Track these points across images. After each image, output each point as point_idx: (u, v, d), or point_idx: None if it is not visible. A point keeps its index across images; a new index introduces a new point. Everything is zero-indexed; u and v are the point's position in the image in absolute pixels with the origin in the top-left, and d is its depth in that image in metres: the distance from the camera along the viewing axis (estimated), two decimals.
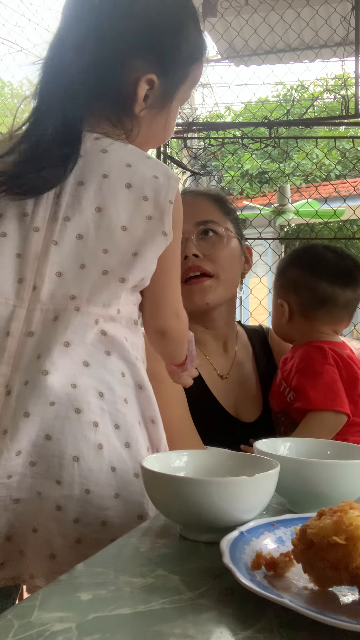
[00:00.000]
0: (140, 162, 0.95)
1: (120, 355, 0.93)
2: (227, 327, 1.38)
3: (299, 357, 1.31)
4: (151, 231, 0.93)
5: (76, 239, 0.90)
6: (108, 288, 0.91)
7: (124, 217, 0.92)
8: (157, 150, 3.40)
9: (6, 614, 0.50)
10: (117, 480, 0.88)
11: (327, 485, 0.76)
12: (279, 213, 5.47)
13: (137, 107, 0.99)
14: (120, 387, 0.92)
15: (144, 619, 0.50)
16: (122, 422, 0.91)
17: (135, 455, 0.91)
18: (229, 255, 1.33)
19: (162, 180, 0.95)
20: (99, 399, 0.88)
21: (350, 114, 3.29)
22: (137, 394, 0.95)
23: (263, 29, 4.18)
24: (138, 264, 0.93)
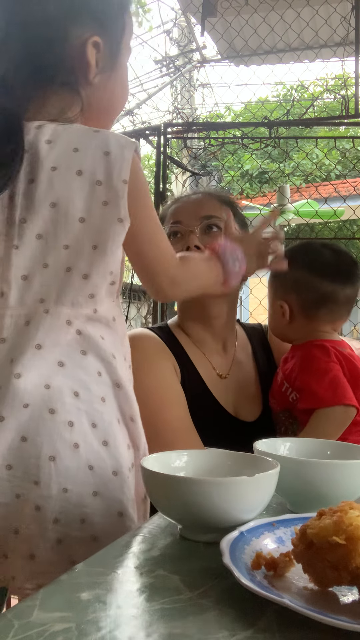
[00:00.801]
0: (87, 141, 0.92)
1: (96, 354, 0.92)
2: (227, 327, 1.38)
3: (302, 357, 1.31)
4: (108, 219, 0.91)
5: (36, 239, 0.89)
6: (73, 286, 0.90)
7: (80, 207, 0.90)
8: (157, 150, 3.40)
9: (6, 614, 0.50)
10: (95, 479, 0.88)
11: (327, 485, 0.76)
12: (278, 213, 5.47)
13: (91, 74, 0.96)
14: (96, 386, 0.91)
15: (144, 619, 0.50)
16: (99, 420, 0.90)
17: (114, 453, 0.91)
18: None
19: (115, 154, 0.92)
20: (75, 399, 0.88)
21: (350, 114, 3.29)
22: (115, 392, 0.94)
23: (263, 29, 4.18)
24: (99, 257, 0.91)
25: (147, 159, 8.83)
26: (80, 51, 0.95)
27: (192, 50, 6.91)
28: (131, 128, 5.15)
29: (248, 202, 6.14)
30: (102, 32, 0.96)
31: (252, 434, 1.27)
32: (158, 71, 7.08)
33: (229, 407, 1.32)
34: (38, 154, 0.89)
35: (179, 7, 5.74)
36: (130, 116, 5.71)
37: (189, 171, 4.15)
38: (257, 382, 1.41)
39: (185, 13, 5.43)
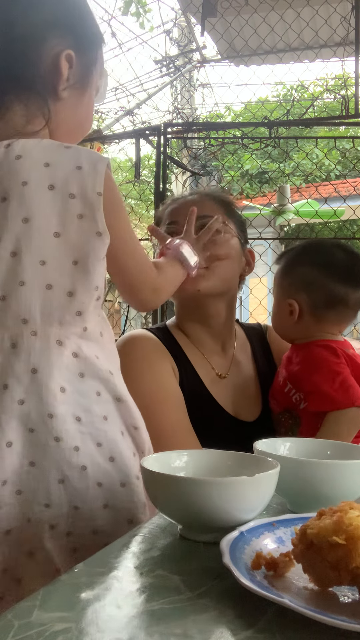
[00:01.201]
0: (58, 156, 0.91)
1: (94, 375, 0.92)
2: (226, 327, 1.38)
3: (309, 358, 1.30)
4: (85, 233, 0.90)
5: (10, 257, 0.87)
6: (58, 304, 0.89)
7: (55, 222, 0.88)
8: (157, 150, 3.40)
9: (6, 614, 0.50)
10: (104, 493, 0.89)
11: (327, 485, 0.76)
12: (279, 213, 5.47)
13: (61, 86, 0.95)
14: (97, 406, 0.91)
15: (144, 619, 0.50)
16: (104, 439, 0.90)
17: (120, 466, 0.91)
18: (226, 250, 1.33)
19: (87, 168, 0.91)
20: (77, 424, 0.88)
21: (350, 114, 3.29)
22: (117, 406, 0.94)
23: (263, 29, 4.19)
24: (81, 273, 0.90)
25: (147, 159, 8.83)
26: (54, 61, 0.94)
27: (192, 50, 6.91)
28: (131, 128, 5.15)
29: (248, 202, 6.14)
30: (76, 48, 0.96)
31: (252, 434, 1.27)
32: (158, 71, 7.08)
33: (229, 407, 1.32)
34: (8, 171, 0.88)
35: (179, 7, 5.75)
36: (130, 116, 5.71)
37: (189, 171, 4.15)
38: (257, 382, 1.41)
39: (185, 13, 5.44)
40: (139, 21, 6.73)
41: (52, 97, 0.95)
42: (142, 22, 6.80)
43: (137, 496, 0.93)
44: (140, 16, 6.74)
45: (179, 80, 6.95)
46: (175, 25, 7.01)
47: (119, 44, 6.24)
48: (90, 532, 0.88)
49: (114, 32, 5.92)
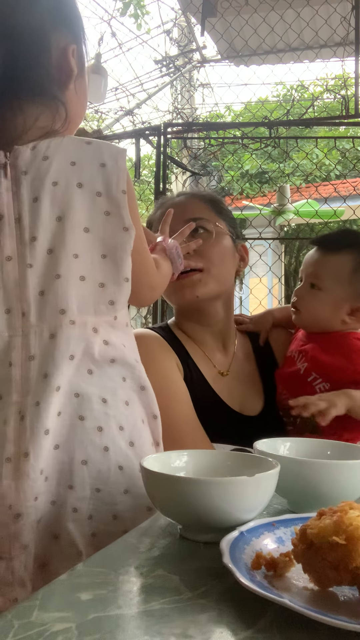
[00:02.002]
0: (82, 153, 0.95)
1: (122, 361, 0.96)
2: (225, 324, 1.39)
3: (349, 350, 1.32)
4: (112, 229, 0.95)
5: (47, 255, 0.91)
6: (91, 294, 0.93)
7: (84, 218, 0.93)
8: (157, 150, 3.40)
9: (6, 614, 0.50)
10: (125, 478, 0.92)
11: (327, 485, 0.76)
12: (279, 213, 5.48)
13: (72, 81, 0.98)
14: (122, 391, 0.95)
15: (144, 619, 0.50)
16: (125, 423, 0.94)
17: (139, 452, 0.94)
18: (219, 251, 1.34)
19: (110, 166, 0.95)
20: (103, 405, 0.92)
21: (350, 114, 3.29)
22: (139, 394, 0.98)
23: (263, 29, 4.19)
24: (110, 266, 0.95)
25: (147, 159, 8.83)
26: (63, 60, 0.96)
27: (192, 50, 6.92)
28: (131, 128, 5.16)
29: (248, 202, 6.15)
30: (75, 40, 0.99)
31: (256, 428, 1.28)
32: (158, 71, 7.08)
33: (232, 403, 1.33)
34: (38, 173, 0.91)
35: (179, 7, 5.75)
36: (130, 116, 5.72)
37: (189, 171, 4.15)
38: (259, 378, 1.41)
39: (185, 13, 5.44)
40: (137, 22, 6.73)
41: (64, 93, 0.98)
42: (140, 23, 6.80)
43: None
44: (138, 17, 6.74)
45: (179, 80, 6.95)
46: (175, 25, 7.01)
47: (119, 44, 6.24)
48: (111, 517, 0.91)
49: (114, 32, 5.92)
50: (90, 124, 6.21)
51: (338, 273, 1.35)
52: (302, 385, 1.35)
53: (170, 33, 7.03)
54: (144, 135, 3.52)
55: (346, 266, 1.35)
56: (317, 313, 1.37)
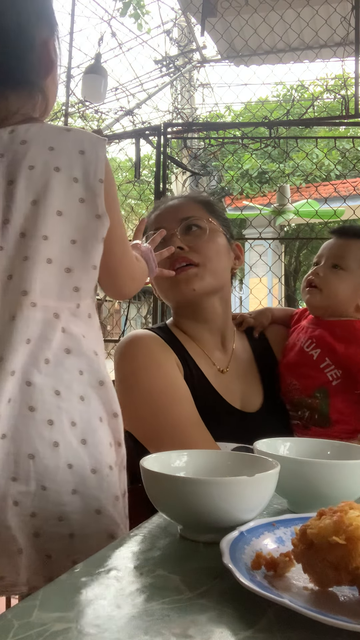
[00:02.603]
0: (61, 140, 0.96)
1: (79, 353, 0.93)
2: (223, 322, 1.39)
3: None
4: (85, 216, 0.94)
5: (20, 237, 0.91)
6: (56, 279, 0.92)
7: (58, 201, 0.93)
8: (157, 150, 3.40)
9: (6, 614, 0.50)
10: (74, 477, 0.89)
11: (327, 485, 0.76)
12: (279, 213, 5.48)
13: (53, 72, 1.02)
14: (77, 385, 0.92)
15: (144, 619, 0.50)
16: (79, 419, 0.91)
17: (93, 451, 0.91)
18: (213, 246, 1.35)
19: (89, 153, 0.95)
20: (55, 397, 0.89)
21: (350, 114, 3.29)
22: (98, 390, 0.95)
23: (263, 29, 4.19)
24: (79, 251, 0.94)
25: (147, 159, 8.83)
26: (45, 53, 1.00)
27: (192, 50, 6.91)
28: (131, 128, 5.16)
29: (248, 202, 6.15)
30: (52, 32, 1.02)
31: (257, 424, 1.28)
32: (158, 71, 7.08)
33: (232, 400, 1.33)
34: (15, 156, 0.92)
35: (179, 7, 5.75)
36: (130, 116, 5.71)
37: (189, 171, 4.15)
38: (257, 374, 1.42)
39: (185, 13, 5.44)
40: (137, 23, 6.73)
41: (45, 83, 1.01)
42: (140, 23, 6.80)
43: (107, 487, 0.92)
44: (138, 18, 6.74)
45: (179, 80, 6.95)
46: (175, 25, 7.01)
47: (119, 44, 6.24)
48: (56, 517, 0.88)
49: (114, 32, 5.92)
50: (90, 124, 6.21)
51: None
52: (313, 371, 1.34)
53: (170, 33, 7.03)
54: (144, 135, 3.52)
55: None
56: (337, 292, 1.38)
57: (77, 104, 5.53)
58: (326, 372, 1.32)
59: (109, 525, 0.92)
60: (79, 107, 5.61)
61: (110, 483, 0.93)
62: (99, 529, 0.91)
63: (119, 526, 0.94)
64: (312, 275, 1.41)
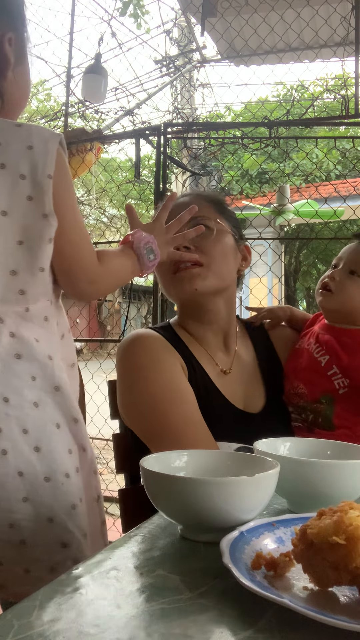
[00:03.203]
0: (10, 135, 0.91)
1: (31, 358, 0.90)
2: (227, 323, 1.39)
3: None
4: (32, 215, 0.90)
5: None
6: (0, 281, 0.88)
7: (3, 200, 0.88)
8: (157, 150, 3.40)
9: (6, 614, 0.50)
10: (25, 485, 0.87)
11: (327, 485, 0.76)
12: (279, 213, 5.48)
13: (9, 69, 0.96)
14: (29, 391, 0.89)
15: (144, 619, 0.50)
16: (31, 426, 0.88)
17: (47, 459, 0.89)
18: (220, 247, 1.34)
19: (38, 148, 0.91)
20: (3, 404, 0.86)
21: (350, 114, 3.29)
22: (53, 395, 0.92)
23: (263, 29, 4.19)
24: (25, 253, 0.90)
25: (147, 159, 8.83)
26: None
27: (192, 50, 6.91)
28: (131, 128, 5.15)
29: (248, 202, 6.15)
30: (13, 27, 0.97)
31: (260, 425, 1.28)
32: (158, 71, 7.08)
33: (236, 401, 1.33)
34: None
35: (179, 7, 5.75)
36: (130, 116, 5.71)
37: (189, 171, 4.15)
38: (260, 375, 1.42)
39: (185, 13, 5.44)
40: (136, 22, 6.73)
41: (1, 82, 0.97)
42: (139, 23, 6.80)
43: (62, 495, 0.90)
44: (138, 17, 6.74)
45: (179, 80, 6.95)
46: (175, 25, 7.01)
47: (119, 44, 6.24)
48: (6, 524, 0.86)
49: (114, 32, 5.91)
50: (90, 124, 6.21)
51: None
52: (321, 378, 1.34)
53: (170, 33, 7.02)
54: (144, 135, 3.52)
55: None
56: (351, 299, 1.37)
57: (77, 104, 5.53)
58: (333, 380, 1.32)
59: (61, 534, 0.90)
60: (79, 107, 5.61)
61: (65, 491, 0.90)
62: (51, 537, 0.89)
63: (73, 534, 0.91)
64: (328, 278, 1.40)
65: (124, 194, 6.74)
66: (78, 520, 0.93)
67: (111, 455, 1.72)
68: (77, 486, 0.94)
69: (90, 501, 0.99)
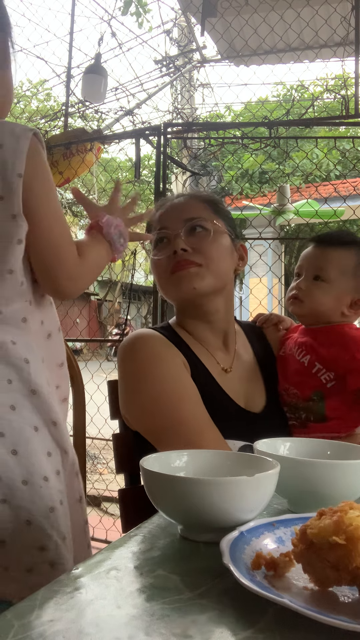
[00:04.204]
0: None
1: (6, 361, 0.89)
2: (226, 322, 1.40)
3: (352, 340, 1.34)
4: (1, 216, 0.88)
5: None
6: None
7: None
8: (157, 150, 3.40)
9: (6, 614, 0.50)
10: (2, 487, 0.86)
11: (327, 485, 0.76)
12: (279, 213, 5.48)
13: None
14: (5, 394, 0.88)
15: (144, 619, 0.50)
16: (8, 429, 0.87)
17: (24, 462, 0.88)
18: (217, 248, 1.34)
19: (8, 146, 0.88)
20: None
21: (350, 114, 3.29)
22: (30, 399, 0.91)
23: (263, 29, 4.19)
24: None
25: (147, 159, 8.83)
26: None
27: (192, 50, 6.91)
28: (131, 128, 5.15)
29: (248, 202, 6.15)
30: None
31: (262, 424, 1.28)
32: (158, 71, 7.07)
33: (238, 400, 1.34)
34: None
35: (179, 7, 5.75)
36: (130, 116, 5.71)
37: (189, 171, 4.15)
38: (259, 374, 1.42)
39: (185, 13, 5.44)
40: (138, 21, 6.73)
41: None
42: (142, 21, 6.80)
43: (40, 498, 0.89)
44: (140, 16, 6.74)
45: (179, 80, 6.95)
46: (175, 25, 7.00)
47: (119, 44, 6.23)
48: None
49: (114, 32, 5.91)
50: (90, 124, 6.21)
51: (343, 266, 1.40)
52: (308, 377, 1.37)
53: (170, 33, 7.02)
54: (144, 135, 3.52)
55: (351, 260, 1.40)
56: (321, 304, 1.40)
57: (77, 104, 5.53)
58: (319, 377, 1.35)
59: (39, 537, 0.89)
60: (79, 107, 5.61)
61: (44, 494, 0.90)
62: (29, 539, 0.88)
63: (51, 538, 0.90)
64: (296, 289, 1.43)
65: (124, 194, 6.75)
66: (57, 523, 0.92)
67: (111, 455, 1.72)
68: (56, 489, 0.93)
69: (72, 503, 0.98)
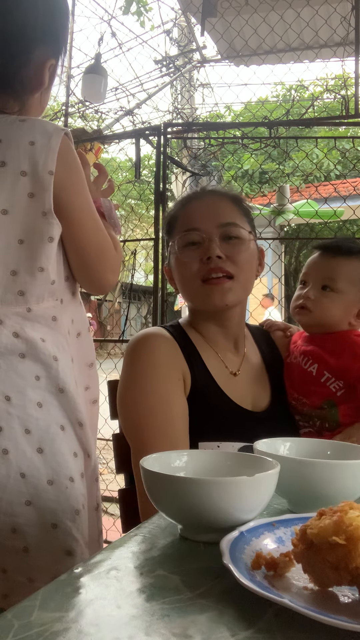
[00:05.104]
0: (12, 131, 0.90)
1: (35, 358, 0.88)
2: (239, 326, 1.40)
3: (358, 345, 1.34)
4: (32, 212, 0.88)
5: None
6: (0, 282, 0.87)
7: (3, 199, 0.86)
8: (157, 150, 3.40)
9: (6, 614, 0.50)
10: (27, 487, 0.84)
11: (327, 485, 0.76)
12: (278, 213, 5.48)
13: (40, 92, 0.99)
14: (33, 391, 0.87)
15: (144, 619, 0.50)
16: (34, 426, 0.86)
17: (50, 461, 0.87)
18: (249, 258, 1.33)
19: (40, 144, 0.89)
20: (5, 403, 0.84)
21: (350, 114, 3.29)
22: (58, 397, 0.90)
23: (263, 29, 4.19)
24: (25, 252, 0.88)
25: (147, 159, 8.83)
26: (39, 72, 0.97)
27: (192, 50, 6.91)
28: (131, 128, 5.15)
29: (248, 202, 6.14)
30: (56, 55, 0.99)
31: (267, 424, 1.28)
32: (158, 71, 7.08)
33: (244, 402, 1.34)
34: None
35: (179, 7, 5.75)
36: (130, 116, 5.71)
37: (189, 171, 4.15)
38: (266, 375, 1.42)
39: (185, 13, 5.44)
40: (139, 20, 6.73)
41: (28, 97, 0.99)
42: (143, 21, 6.80)
43: (66, 500, 0.88)
44: (141, 15, 6.74)
45: (179, 80, 6.95)
46: (175, 25, 7.00)
47: (119, 44, 6.24)
48: (9, 529, 0.84)
49: (114, 32, 5.92)
50: (91, 124, 6.21)
51: (353, 276, 1.39)
52: (317, 386, 1.36)
53: (170, 33, 7.02)
54: (144, 135, 3.52)
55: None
56: (330, 314, 1.39)
57: (77, 104, 5.53)
58: (328, 385, 1.34)
59: (65, 541, 0.87)
60: (79, 107, 5.61)
61: (69, 496, 0.88)
62: (54, 544, 0.86)
63: (77, 542, 0.89)
64: (304, 298, 1.42)
65: (124, 194, 6.75)
66: (82, 527, 0.91)
67: (111, 455, 1.72)
68: (80, 492, 0.91)
69: (90, 510, 0.97)
